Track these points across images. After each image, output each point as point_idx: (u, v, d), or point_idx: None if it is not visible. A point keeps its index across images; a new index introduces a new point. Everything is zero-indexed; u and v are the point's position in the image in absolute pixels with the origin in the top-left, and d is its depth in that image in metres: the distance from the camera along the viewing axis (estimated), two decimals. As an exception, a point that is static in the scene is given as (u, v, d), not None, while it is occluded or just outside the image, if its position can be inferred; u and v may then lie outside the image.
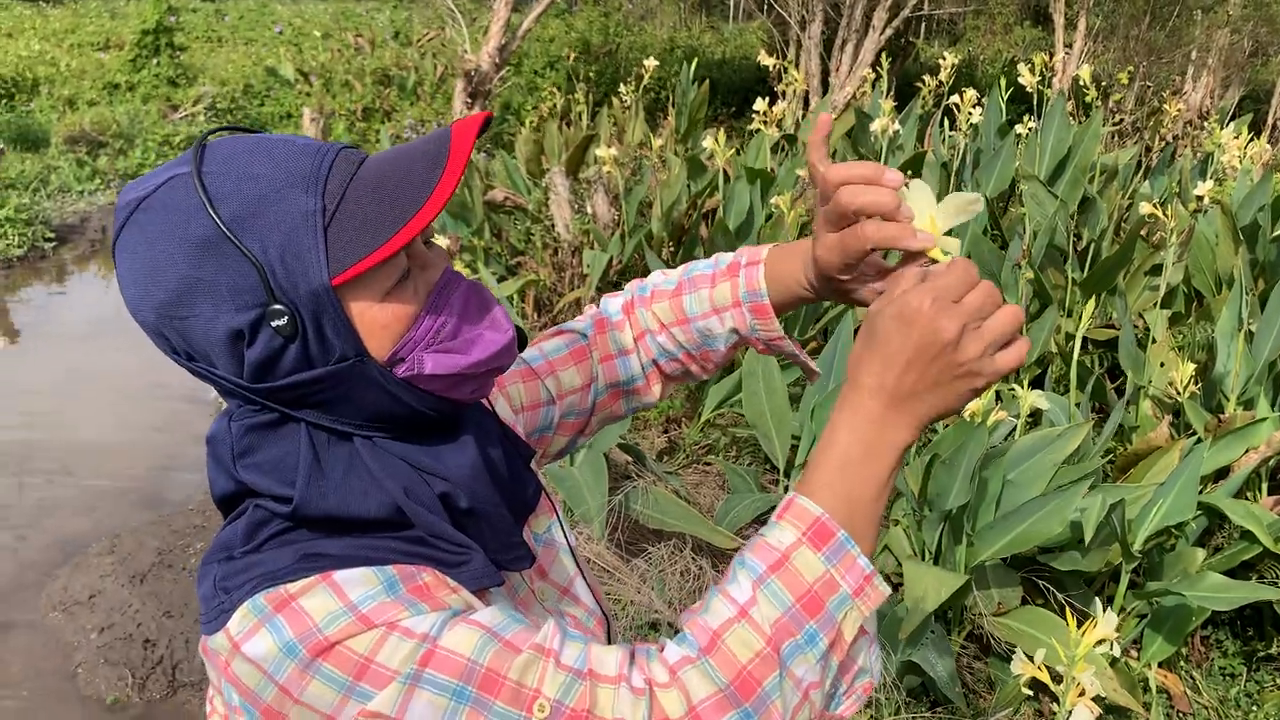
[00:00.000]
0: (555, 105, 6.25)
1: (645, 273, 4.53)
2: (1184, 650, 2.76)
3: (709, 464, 3.64)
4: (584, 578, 1.02)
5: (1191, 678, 2.72)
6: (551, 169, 4.82)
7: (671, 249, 4.42)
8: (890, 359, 0.76)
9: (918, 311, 0.75)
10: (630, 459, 3.17)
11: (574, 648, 0.77)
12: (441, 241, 3.44)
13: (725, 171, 4.54)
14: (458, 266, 3.92)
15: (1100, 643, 1.67)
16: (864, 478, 0.78)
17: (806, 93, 7.03)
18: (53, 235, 7.39)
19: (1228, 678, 2.76)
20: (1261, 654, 2.79)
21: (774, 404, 3.07)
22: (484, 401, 0.98)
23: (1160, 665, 2.64)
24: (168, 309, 0.76)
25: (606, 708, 0.75)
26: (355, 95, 9.80)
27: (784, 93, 5.99)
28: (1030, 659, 1.74)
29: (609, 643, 1.01)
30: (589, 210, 4.83)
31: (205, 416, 4.72)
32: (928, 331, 0.74)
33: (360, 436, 0.80)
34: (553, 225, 4.82)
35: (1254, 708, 2.64)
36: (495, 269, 4.77)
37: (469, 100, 9.65)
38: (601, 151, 4.47)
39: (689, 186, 4.61)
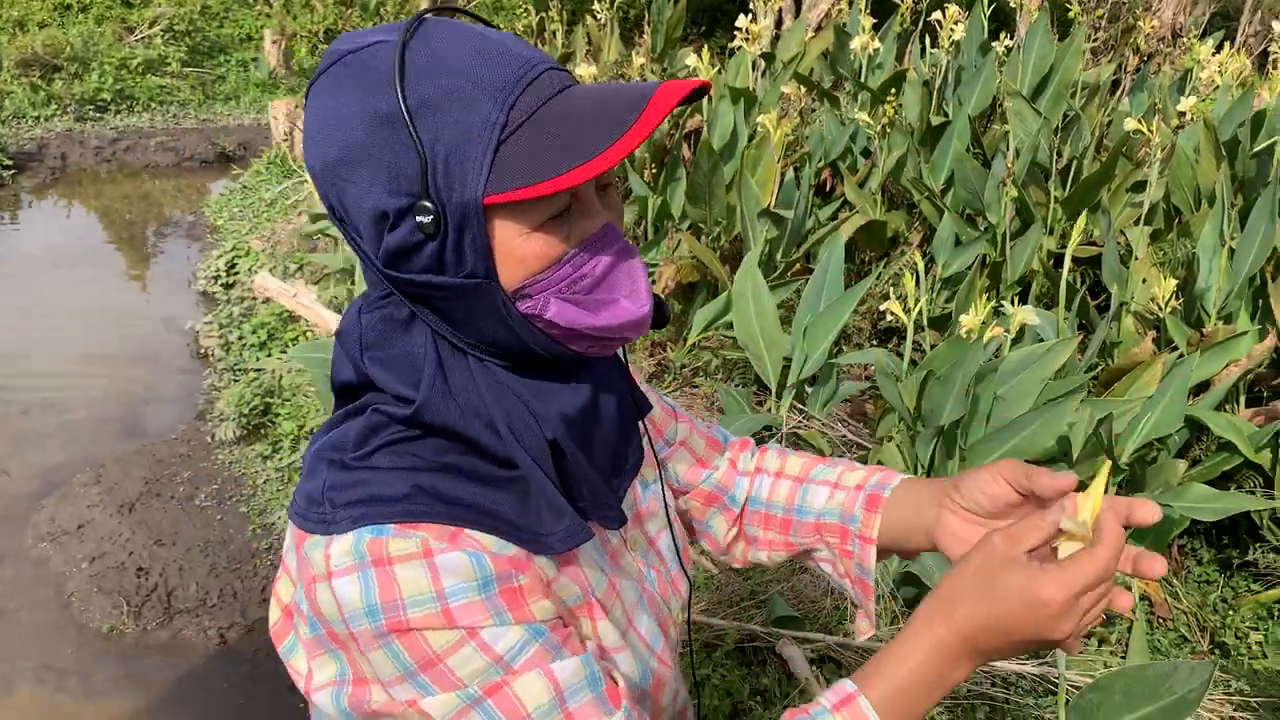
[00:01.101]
0: (530, 24, 6.12)
1: (628, 197, 4.49)
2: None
3: (696, 386, 3.66)
4: (673, 536, 1.02)
5: (1171, 585, 2.79)
6: (528, 90, 4.74)
7: (654, 170, 4.38)
8: (996, 624, 0.77)
9: (1048, 604, 0.75)
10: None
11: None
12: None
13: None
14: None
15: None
16: (923, 702, 0.80)
17: (780, 9, 6.92)
18: (10, 163, 7.20)
19: (1204, 585, 2.84)
20: (1237, 561, 2.87)
21: (764, 325, 3.08)
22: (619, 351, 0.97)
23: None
24: (333, 167, 0.75)
25: None
26: (316, 16, 9.55)
27: (757, 11, 5.89)
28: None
29: (687, 604, 1.04)
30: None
31: (181, 347, 4.67)
32: (1045, 626, 0.76)
33: (474, 357, 0.80)
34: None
35: (1230, 612, 2.72)
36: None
37: (434, 20, 9.44)
38: (579, 70, 4.39)
39: (669, 107, 4.54)
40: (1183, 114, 3.82)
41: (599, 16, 5.90)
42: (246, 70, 9.68)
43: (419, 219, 0.72)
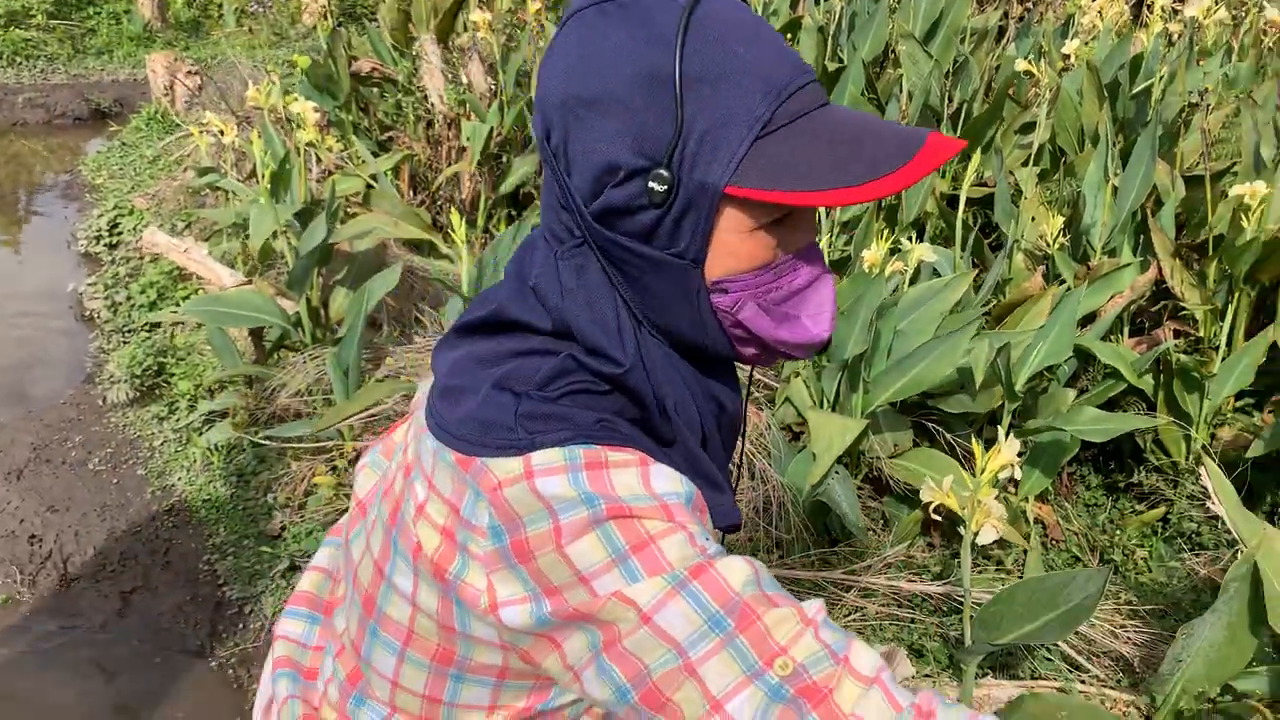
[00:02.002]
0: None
1: (527, 145, 4.44)
2: (1053, 486, 2.96)
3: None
4: None
5: (1063, 508, 2.92)
6: (421, 37, 4.63)
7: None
8: None
9: None
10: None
11: (835, 634, 0.76)
12: (310, 117, 3.29)
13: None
14: (328, 142, 3.76)
15: (1003, 468, 1.78)
16: None
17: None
18: None
19: (1092, 508, 2.98)
20: (1121, 485, 3.01)
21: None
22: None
23: (1035, 499, 2.83)
24: (578, 102, 0.73)
25: (848, 701, 0.72)
26: (193, -34, 9.14)
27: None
28: (937, 486, 1.84)
29: None
30: (463, 80, 4.68)
31: (64, 310, 4.48)
32: None
33: (645, 330, 0.80)
34: (425, 97, 4.66)
35: (1118, 532, 2.86)
36: (366, 144, 4.60)
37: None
38: (475, 16, 4.31)
39: (566, 54, 4.49)
40: (1067, 57, 3.94)
41: (491, -36, 5.79)
42: (119, 23, 9.23)
43: (652, 185, 0.71)
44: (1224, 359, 2.90)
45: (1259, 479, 2.75)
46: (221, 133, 3.47)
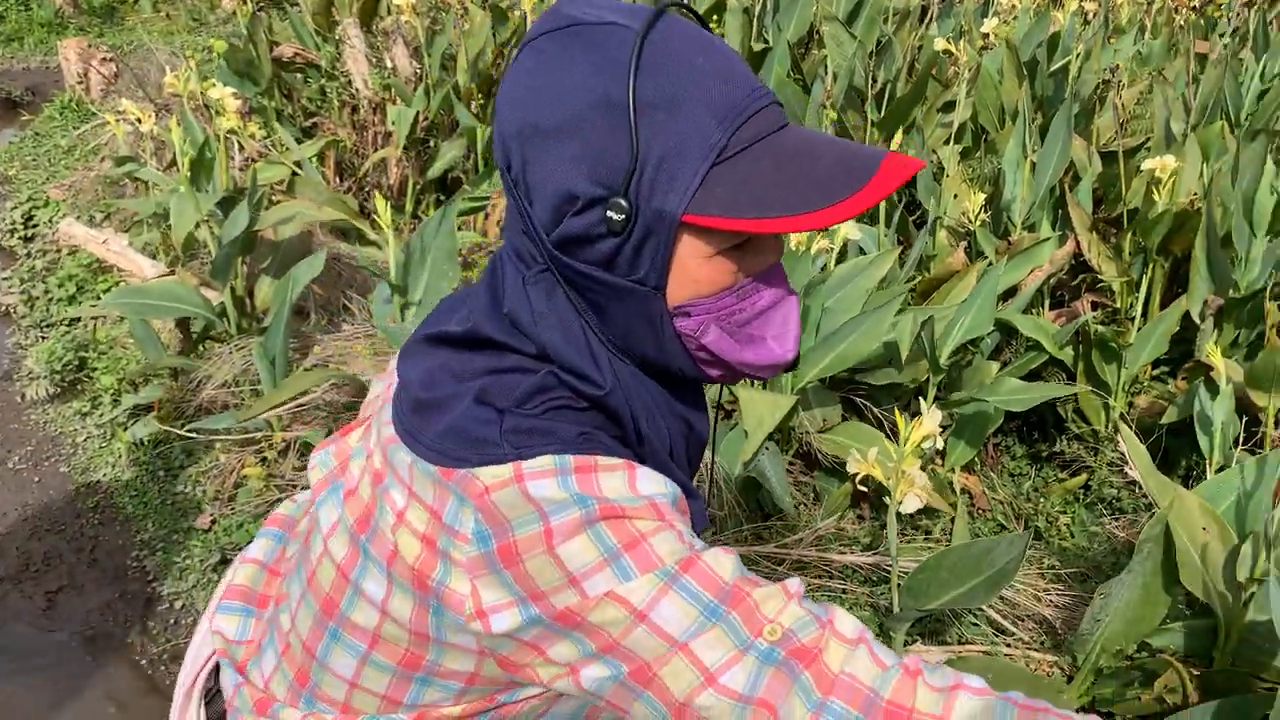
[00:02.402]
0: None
1: (454, 129, 4.40)
2: (979, 456, 3.03)
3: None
4: None
5: (989, 478, 2.99)
6: (344, 21, 4.57)
7: (481, 101, 4.30)
8: None
9: None
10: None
11: (816, 604, 0.78)
12: (231, 104, 3.23)
13: (529, 18, 4.42)
14: (250, 129, 3.70)
15: (926, 438, 1.82)
16: None
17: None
18: None
19: (1017, 477, 3.06)
20: (1045, 454, 3.09)
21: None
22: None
23: (961, 470, 2.89)
24: (534, 131, 0.73)
25: (837, 661, 0.74)
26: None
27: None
28: (863, 458, 1.88)
29: None
30: (388, 64, 4.62)
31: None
32: None
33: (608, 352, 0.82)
34: (350, 82, 4.60)
35: (1041, 500, 2.93)
36: (290, 131, 4.52)
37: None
38: (398, 0, 4.25)
39: (494, 35, 4.47)
40: (986, 36, 4.01)
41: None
42: (29, 9, 8.94)
43: (610, 214, 0.72)
44: (1139, 329, 2.99)
45: (1174, 444, 2.85)
46: (139, 121, 3.39)
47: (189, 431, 3.04)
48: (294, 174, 3.98)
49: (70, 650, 2.61)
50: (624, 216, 0.71)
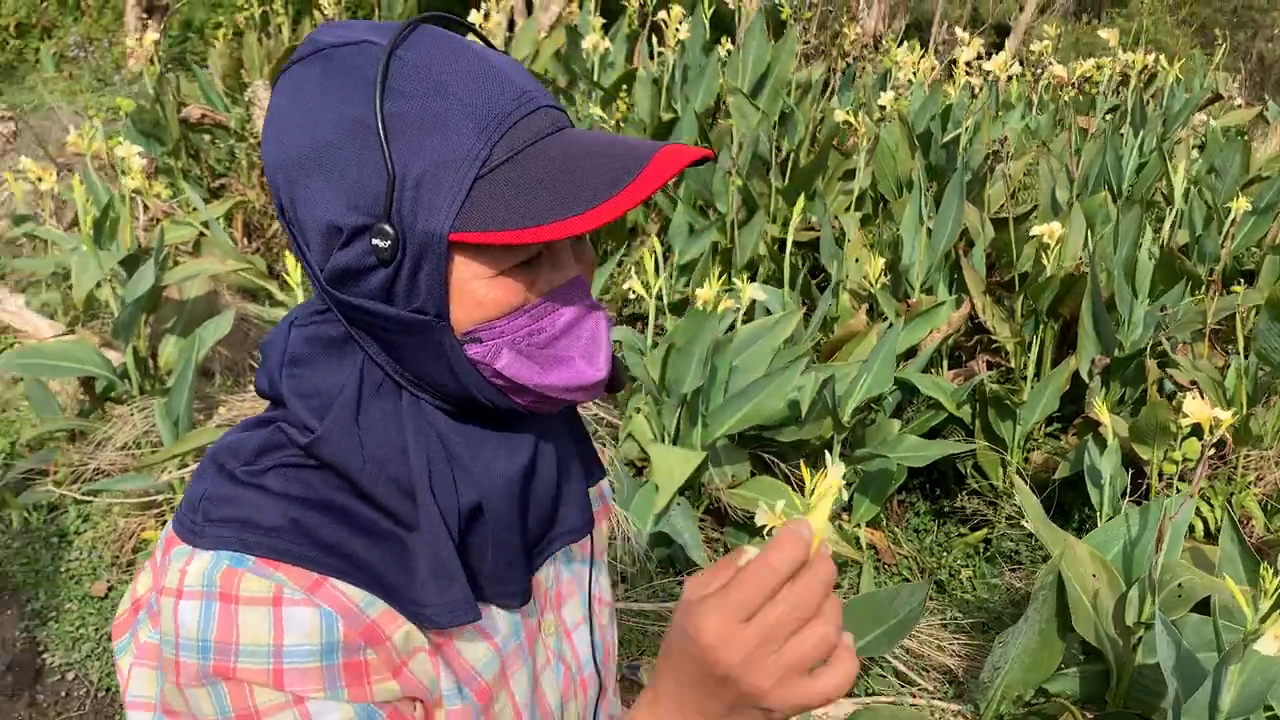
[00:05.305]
0: (253, 16, 5.88)
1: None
2: (884, 512, 3.11)
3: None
4: (591, 630, 0.92)
5: (894, 534, 3.07)
6: (254, 83, 4.56)
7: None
8: (680, 676, 0.66)
9: (697, 633, 0.63)
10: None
11: None
12: (136, 163, 3.19)
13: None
14: (155, 189, 3.66)
15: (829, 489, 1.87)
16: None
17: (512, 8, 6.99)
18: None
19: (920, 533, 3.14)
20: (947, 509, 3.19)
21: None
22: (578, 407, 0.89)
23: (867, 525, 2.96)
24: (290, 166, 0.68)
25: None
26: (5, 8, 8.73)
27: (490, 9, 5.94)
28: (770, 510, 1.92)
29: (594, 709, 0.93)
30: (299, 127, 4.62)
31: None
32: (705, 661, 0.63)
33: (410, 393, 0.74)
34: (260, 143, 4.58)
35: (944, 554, 3.02)
36: (198, 191, 4.48)
37: (144, 16, 8.85)
38: (309, 64, 4.26)
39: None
40: (884, 109, 4.19)
41: (326, 11, 5.76)
42: (-77, 66, 8.73)
43: (375, 242, 0.66)
44: (1032, 388, 3.12)
45: (1068, 497, 2.96)
46: (39, 179, 3.33)
47: (84, 494, 2.95)
48: (201, 234, 3.94)
49: (-47, 726, 2.48)
50: (390, 243, 0.66)
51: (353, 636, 0.69)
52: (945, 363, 3.46)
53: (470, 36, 0.75)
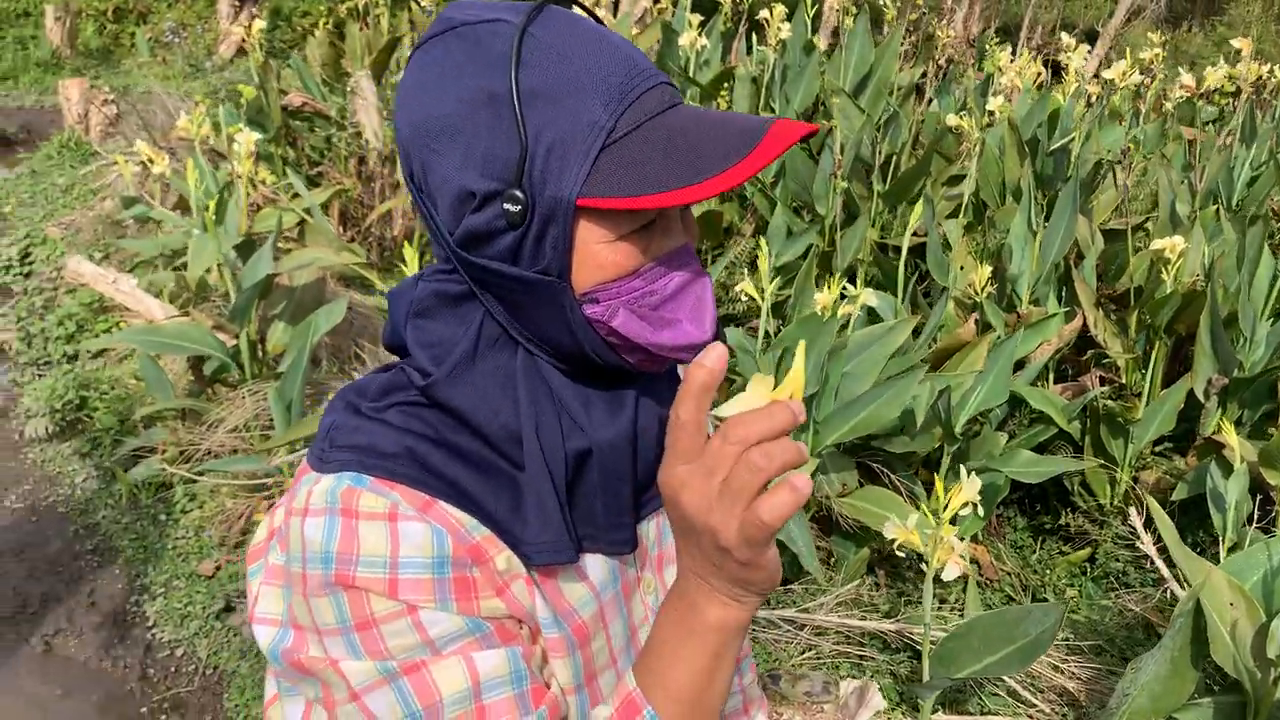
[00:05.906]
0: (355, 5, 5.95)
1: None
2: (983, 528, 3.04)
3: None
4: None
5: (995, 549, 3.01)
6: (356, 73, 4.61)
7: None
8: (679, 533, 0.72)
9: (670, 481, 0.69)
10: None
11: None
12: (250, 148, 3.24)
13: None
14: (261, 175, 3.71)
15: (964, 505, 1.84)
16: (679, 656, 0.74)
17: (599, 4, 6.99)
18: None
19: (1020, 549, 3.08)
20: (1048, 527, 3.12)
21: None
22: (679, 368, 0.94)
23: (969, 540, 2.91)
24: (425, 134, 0.73)
25: None
26: (106, -8, 8.95)
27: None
28: (902, 524, 1.89)
29: None
30: (399, 117, 4.65)
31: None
32: (684, 519, 0.69)
33: (526, 349, 0.79)
34: (359, 133, 4.63)
35: (1048, 571, 2.95)
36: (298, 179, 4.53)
37: (236, 4, 9.01)
38: (408, 54, 4.29)
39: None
40: (991, 114, 4.11)
41: (423, 3, 5.81)
42: (25, 49, 8.97)
43: (506, 207, 0.71)
44: (1146, 405, 3.04)
45: (1182, 521, 2.87)
46: (150, 162, 3.39)
47: (196, 473, 3.00)
48: (303, 221, 3.99)
49: (68, 697, 2.54)
50: (521, 208, 0.71)
51: (460, 552, 0.74)
52: (1052, 376, 3.38)
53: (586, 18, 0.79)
